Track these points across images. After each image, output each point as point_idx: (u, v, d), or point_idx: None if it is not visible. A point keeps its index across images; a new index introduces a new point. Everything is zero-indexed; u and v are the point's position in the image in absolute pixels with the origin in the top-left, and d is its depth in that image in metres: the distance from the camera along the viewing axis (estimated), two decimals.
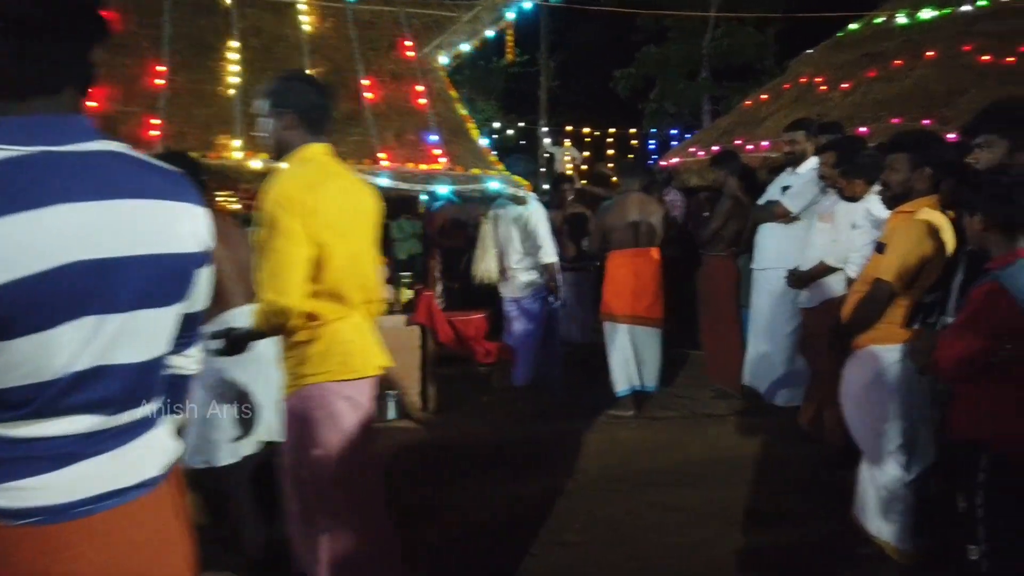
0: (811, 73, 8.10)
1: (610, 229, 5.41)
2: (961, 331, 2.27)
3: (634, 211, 5.35)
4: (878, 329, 3.10)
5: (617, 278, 5.38)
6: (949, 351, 2.30)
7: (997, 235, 2.30)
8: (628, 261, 5.34)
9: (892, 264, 2.95)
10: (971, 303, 2.24)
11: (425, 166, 4.88)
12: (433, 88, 5.56)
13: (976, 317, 2.22)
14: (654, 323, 5.41)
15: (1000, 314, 2.17)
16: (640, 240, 5.34)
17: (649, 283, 5.37)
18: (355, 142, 4.92)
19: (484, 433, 4.90)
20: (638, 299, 5.32)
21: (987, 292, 2.20)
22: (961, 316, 2.29)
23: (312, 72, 5.32)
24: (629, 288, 5.31)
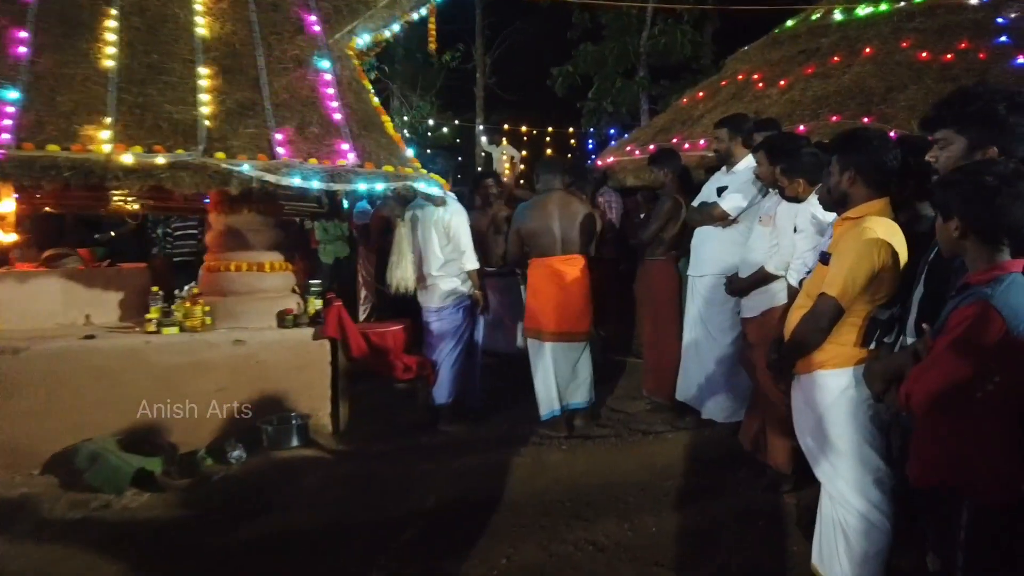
0: (748, 70, 7.87)
1: (529, 234, 4.89)
2: (940, 360, 1.90)
3: (556, 213, 4.84)
4: (824, 351, 2.74)
5: (540, 290, 4.88)
6: (924, 383, 1.92)
7: (977, 244, 1.95)
8: (551, 271, 4.84)
9: (838, 278, 2.60)
10: (954, 327, 1.87)
11: (328, 162, 4.36)
12: (343, 77, 5.03)
13: (960, 344, 1.85)
14: (582, 336, 4.95)
15: (990, 341, 1.81)
16: (565, 246, 4.84)
17: (576, 294, 4.86)
18: (250, 135, 4.37)
19: (398, 460, 4.40)
20: (564, 313, 4.82)
21: (975, 315, 1.83)
22: (941, 342, 1.91)
23: (205, 58, 4.76)
24: (553, 301, 4.81)
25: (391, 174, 4.44)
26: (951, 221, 1.98)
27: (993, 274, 1.89)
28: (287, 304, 4.86)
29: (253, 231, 4.83)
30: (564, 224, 4.82)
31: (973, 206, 1.91)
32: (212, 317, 4.66)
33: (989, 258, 1.94)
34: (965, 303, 1.89)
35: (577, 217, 4.87)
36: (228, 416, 4.54)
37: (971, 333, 1.83)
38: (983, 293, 1.85)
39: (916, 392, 1.94)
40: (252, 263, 4.77)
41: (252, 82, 4.74)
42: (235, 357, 4.56)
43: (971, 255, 1.98)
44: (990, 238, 1.92)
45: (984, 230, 1.92)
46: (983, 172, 1.90)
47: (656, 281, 5.44)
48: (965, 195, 1.92)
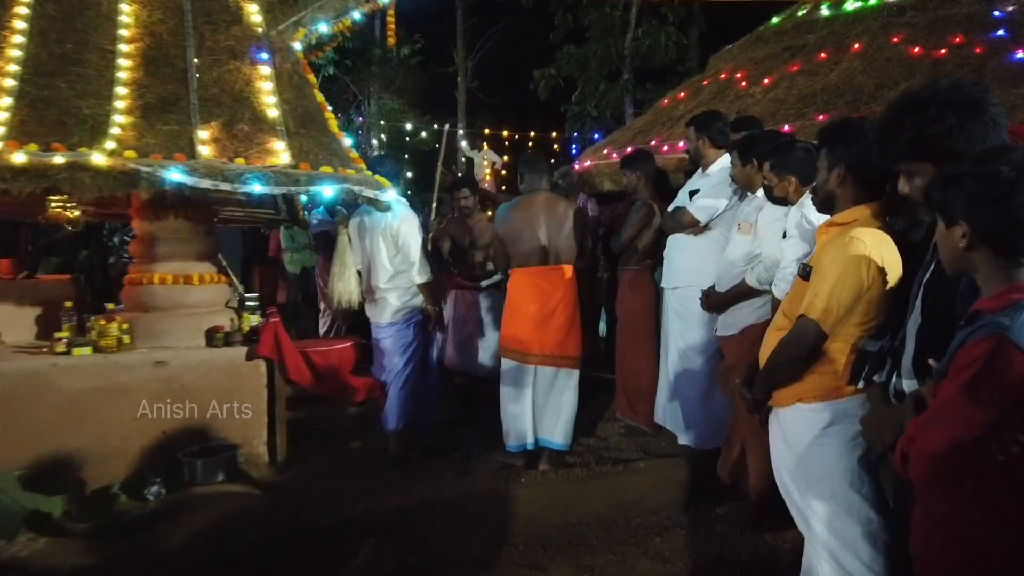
0: (731, 69, 7.45)
1: (510, 239, 4.23)
2: (945, 413, 1.45)
3: (542, 216, 4.19)
4: (805, 381, 2.31)
5: (520, 305, 4.23)
6: (924, 443, 1.48)
7: (989, 258, 1.51)
8: (534, 282, 4.20)
9: (819, 297, 2.16)
10: (961, 369, 1.43)
11: (258, 162, 3.90)
12: (283, 70, 4.58)
13: (972, 391, 1.40)
14: (569, 362, 4.26)
15: (1011, 387, 1.36)
16: (551, 255, 4.21)
17: (563, 311, 4.20)
18: (168, 132, 3.91)
19: (335, 498, 3.93)
20: (548, 332, 4.17)
21: (989, 353, 1.39)
22: (945, 389, 1.47)
23: (127, 48, 4.30)
24: (535, 319, 4.17)
25: (329, 176, 3.98)
26: (955, 228, 1.54)
27: (1012, 298, 1.45)
28: (218, 320, 4.39)
29: (180, 240, 4.36)
30: (551, 229, 4.18)
31: (985, 207, 1.47)
32: (131, 336, 4.18)
33: (1006, 276, 1.50)
34: (975, 337, 1.44)
35: (566, 222, 4.22)
36: (147, 447, 4.07)
37: (985, 377, 1.39)
38: (998, 324, 1.41)
39: (916, 452, 1.49)
40: (178, 275, 4.30)
41: (179, 75, 4.28)
42: (156, 381, 4.09)
43: (982, 272, 1.54)
44: (1008, 249, 1.48)
45: (999, 239, 1.48)
46: (996, 161, 1.46)
47: (629, 293, 4.99)
48: (974, 193, 1.48)
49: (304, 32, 5.08)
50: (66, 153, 3.50)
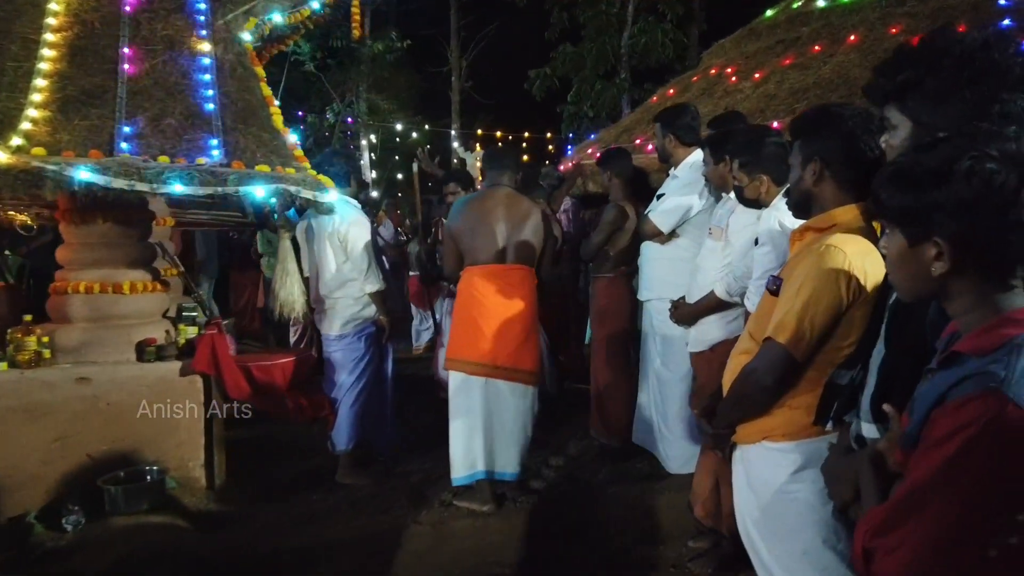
0: (721, 64, 7.09)
1: (464, 235, 3.80)
2: (925, 501, 1.07)
3: (501, 212, 3.76)
4: (773, 416, 1.93)
5: (471, 307, 3.75)
6: (897, 541, 1.09)
7: (972, 283, 1.14)
8: (488, 283, 3.72)
9: (788, 318, 1.79)
10: (946, 438, 1.05)
11: (185, 160, 3.55)
12: (225, 62, 4.23)
13: (964, 473, 1.03)
14: (525, 377, 3.75)
15: (1013, 461, 0.99)
16: (508, 253, 3.76)
17: (520, 317, 3.71)
18: (87, 128, 3.57)
19: (274, 528, 3.57)
20: (502, 340, 3.68)
21: (982, 417, 1.01)
22: (922, 465, 1.08)
23: (53, 37, 3.95)
24: (489, 322, 3.68)
25: (263, 175, 3.63)
26: (924, 246, 1.15)
27: (1004, 335, 1.07)
28: (151, 332, 4.03)
29: (108, 245, 4.01)
30: (510, 227, 3.74)
31: (970, 220, 1.09)
32: (52, 350, 3.83)
33: (992, 305, 1.12)
34: (960, 394, 1.06)
35: (527, 220, 3.78)
36: (69, 472, 3.72)
37: (979, 452, 1.01)
38: (991, 376, 1.03)
39: (884, 560, 1.10)
40: (106, 283, 3.94)
41: (108, 67, 3.93)
42: (78, 399, 3.75)
43: (960, 301, 1.16)
44: (997, 272, 1.11)
45: (990, 261, 1.10)
46: (988, 158, 1.08)
47: (602, 302, 4.62)
48: (956, 200, 1.10)
49: (255, 22, 4.73)
50: None
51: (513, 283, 3.75)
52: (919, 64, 1.38)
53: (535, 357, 3.80)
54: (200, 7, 4.45)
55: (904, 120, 1.42)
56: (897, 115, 1.43)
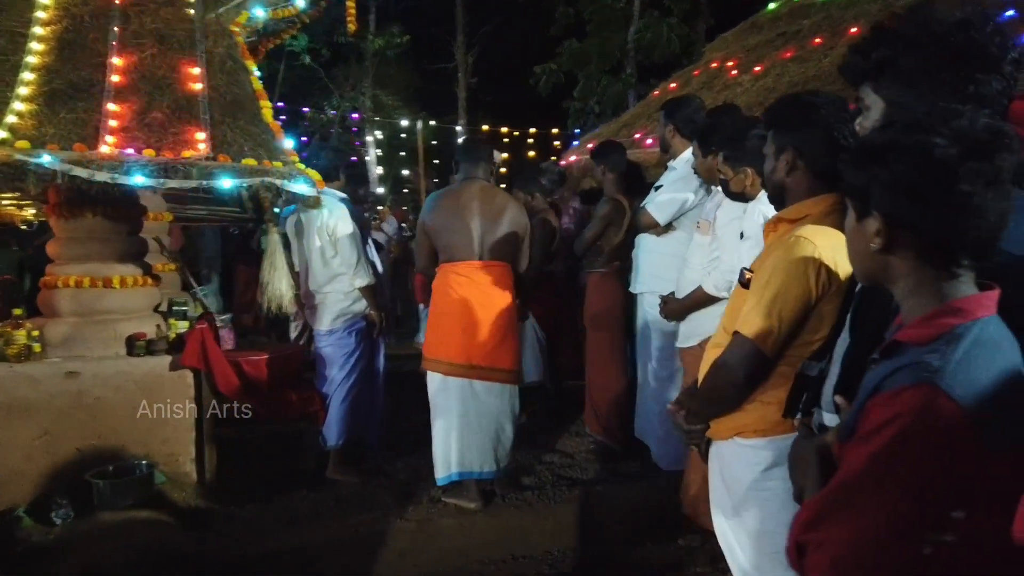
0: (722, 57, 7.03)
1: (438, 232, 3.72)
2: (854, 494, 1.03)
3: (475, 207, 3.65)
4: (746, 411, 1.89)
5: (445, 305, 3.68)
6: (827, 535, 1.05)
7: (911, 265, 1.10)
8: (463, 280, 3.65)
9: (756, 312, 1.75)
10: (876, 430, 1.00)
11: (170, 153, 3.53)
12: (215, 55, 4.20)
13: (891, 465, 0.98)
14: (503, 376, 3.69)
15: (943, 455, 0.95)
16: (484, 250, 3.67)
17: (496, 315, 3.63)
18: (72, 121, 3.55)
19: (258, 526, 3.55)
20: (477, 339, 3.61)
21: (914, 410, 0.97)
22: (853, 458, 1.04)
23: (42, 31, 3.94)
24: (463, 321, 3.61)
25: (249, 168, 3.60)
26: (868, 221, 1.12)
27: (942, 324, 1.03)
28: (141, 327, 4.02)
29: (97, 239, 3.99)
30: (485, 222, 3.65)
31: (911, 196, 1.05)
32: (42, 344, 3.82)
33: (934, 292, 1.07)
34: (893, 384, 1.02)
35: (504, 214, 3.68)
36: (56, 467, 3.71)
37: (910, 445, 0.97)
38: (925, 366, 0.99)
39: (814, 553, 1.06)
40: (95, 277, 3.92)
41: (96, 60, 3.91)
42: (66, 394, 3.73)
43: (902, 285, 1.12)
44: (940, 256, 1.06)
45: (929, 241, 1.06)
46: (931, 131, 1.03)
47: (595, 297, 4.58)
48: (899, 175, 1.05)
49: (247, 16, 4.71)
50: None
51: (490, 280, 3.68)
52: (895, 43, 1.33)
53: (513, 355, 3.73)
54: (191, 0, 4.44)
55: (878, 100, 1.37)
56: (871, 95, 1.38)
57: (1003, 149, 1.01)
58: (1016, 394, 0.97)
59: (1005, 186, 1.02)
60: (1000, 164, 1.01)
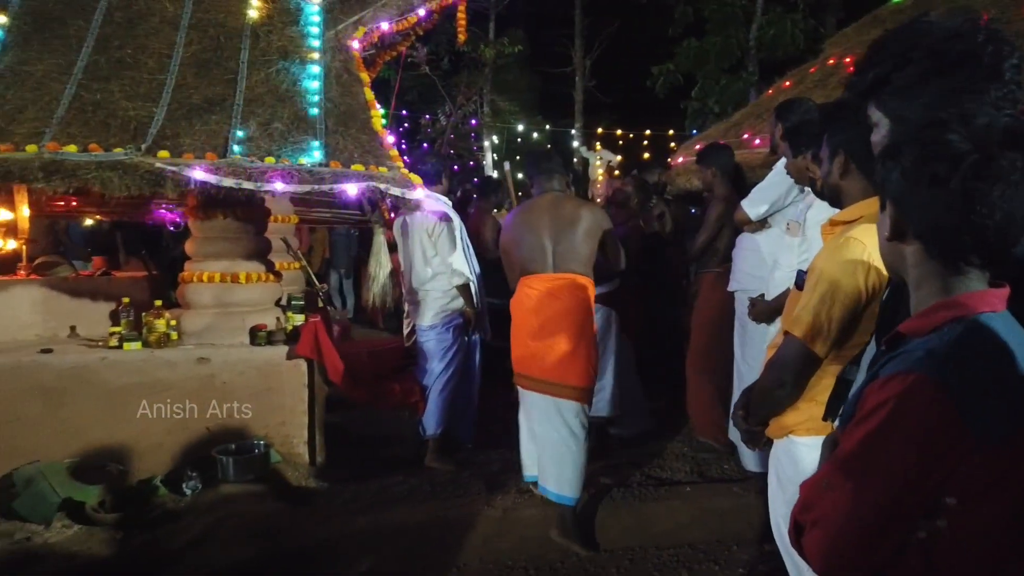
0: (840, 53, 6.76)
1: (510, 247, 3.68)
2: (844, 473, 1.08)
3: (547, 219, 3.56)
4: (799, 410, 1.91)
5: (519, 319, 3.63)
6: (821, 513, 1.10)
7: (920, 257, 1.13)
8: (533, 292, 3.55)
9: (806, 311, 1.78)
10: (868, 414, 1.05)
11: (287, 161, 3.87)
12: (332, 68, 4.55)
13: (880, 446, 1.03)
14: (568, 392, 3.48)
15: (931, 438, 0.99)
16: (554, 261, 3.53)
17: (565, 328, 3.47)
18: (206, 132, 3.96)
19: (355, 505, 3.83)
20: (545, 352, 3.48)
21: (902, 394, 1.01)
22: (847, 441, 1.09)
23: (183, 52, 4.42)
24: (532, 334, 3.53)
25: (357, 173, 3.89)
26: (885, 212, 1.16)
27: (942, 317, 1.06)
28: (263, 319, 4.41)
29: (227, 239, 4.42)
30: (555, 232, 3.53)
31: (917, 188, 1.08)
32: (179, 332, 4.28)
33: (940, 286, 1.10)
34: (888, 371, 1.06)
35: (576, 224, 3.53)
36: (189, 442, 4.15)
37: (896, 428, 1.01)
38: (917, 354, 1.03)
39: (810, 540, 1.11)
40: (225, 274, 4.35)
41: (229, 76, 4.34)
42: (197, 377, 4.16)
43: (913, 276, 1.15)
44: (943, 250, 1.09)
45: (938, 236, 1.08)
46: (947, 128, 1.06)
47: (708, 296, 4.57)
48: (908, 168, 1.09)
49: (364, 31, 5.04)
50: (93, 154, 3.61)
51: (559, 293, 3.53)
52: (889, 58, 1.35)
53: (584, 372, 3.52)
54: (313, 19, 4.82)
55: (882, 117, 1.39)
56: (876, 112, 1.40)
57: (1017, 149, 1.03)
58: (1006, 389, 0.99)
59: (1019, 188, 1.03)
60: (1014, 164, 1.02)
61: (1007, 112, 1.10)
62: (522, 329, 3.60)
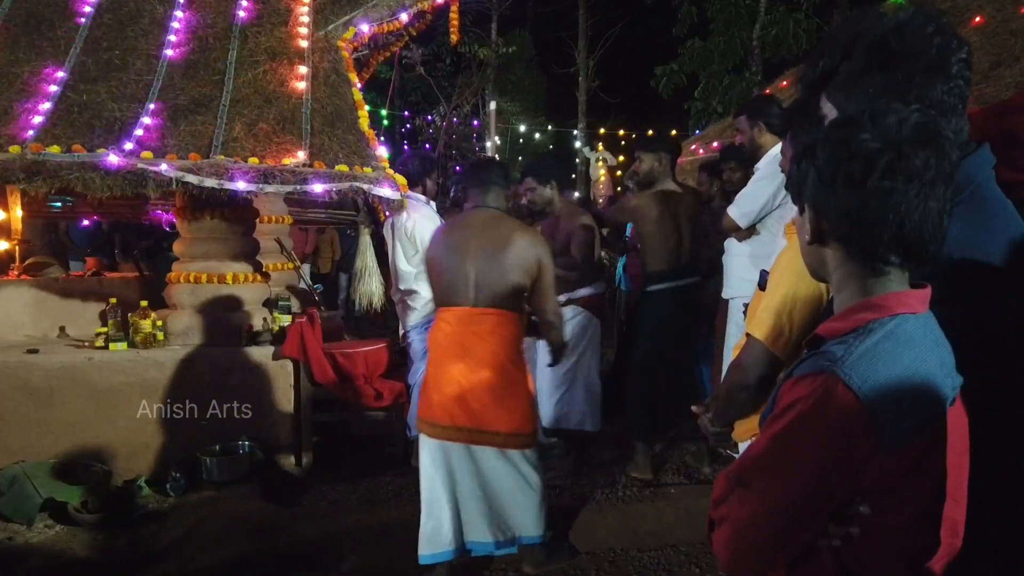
0: None
1: (434, 270, 3.12)
2: (753, 473, 1.07)
3: (474, 243, 2.97)
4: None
5: (432, 355, 3.09)
6: (729, 510, 1.09)
7: (840, 258, 1.11)
8: (449, 329, 3.01)
9: (767, 313, 1.76)
10: (779, 414, 1.04)
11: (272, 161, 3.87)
12: (320, 69, 4.55)
13: (787, 447, 1.02)
14: (499, 440, 2.95)
15: (837, 442, 0.98)
16: (479, 294, 2.95)
17: (494, 371, 2.94)
18: (191, 133, 3.96)
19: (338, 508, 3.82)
20: (463, 398, 2.93)
21: (810, 397, 0.99)
22: (759, 440, 1.08)
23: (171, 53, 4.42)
24: (448, 379, 2.97)
25: (340, 174, 3.88)
26: (806, 215, 1.14)
27: (858, 319, 1.03)
28: (251, 319, 4.42)
29: (216, 239, 4.43)
30: (484, 260, 2.93)
31: (828, 187, 1.06)
32: (165, 332, 4.29)
33: (859, 288, 1.08)
34: (800, 371, 1.05)
35: (507, 250, 2.93)
36: (173, 443, 4.15)
37: (805, 430, 0.99)
38: (830, 355, 1.01)
39: (718, 538, 1.10)
40: (212, 274, 4.36)
41: (217, 77, 4.35)
42: (183, 378, 4.15)
43: (833, 279, 1.14)
44: (866, 251, 1.06)
45: (856, 236, 1.06)
46: (858, 127, 1.04)
47: None
48: (821, 168, 1.07)
49: (354, 31, 5.04)
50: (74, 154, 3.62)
51: (484, 331, 2.96)
52: (837, 50, 1.32)
53: (516, 416, 2.97)
54: (303, 20, 4.82)
55: (832, 109, 1.36)
56: (826, 104, 1.38)
57: (929, 147, 1.01)
58: (915, 391, 0.98)
59: (935, 186, 1.02)
60: (927, 162, 1.00)
61: (916, 109, 1.07)
62: (441, 371, 3.00)
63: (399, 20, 5.30)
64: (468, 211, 3.13)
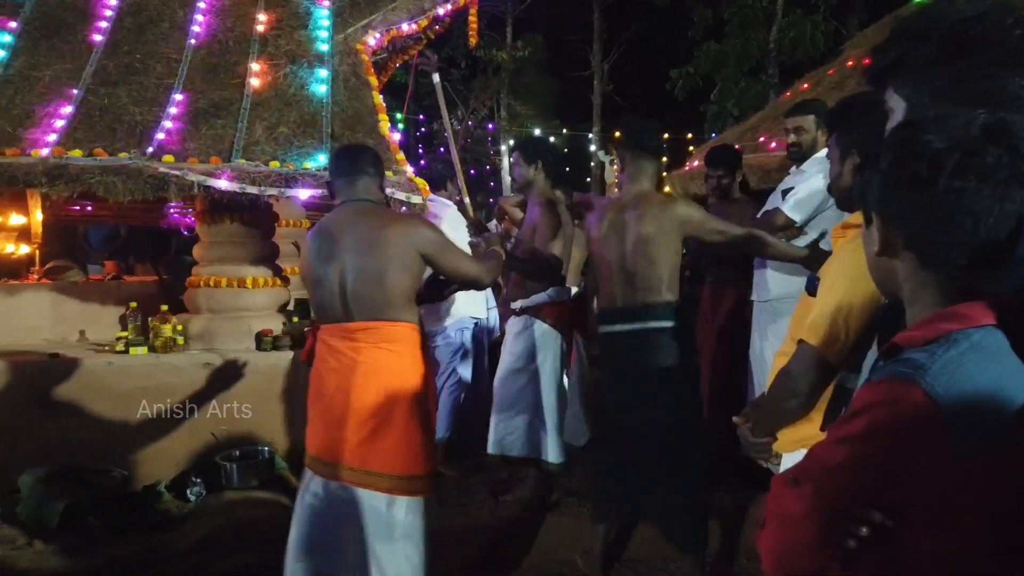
0: (859, 55, 6.63)
1: (305, 280, 2.69)
2: (810, 469, 1.02)
3: (343, 243, 2.46)
4: (813, 421, 1.82)
5: (313, 382, 2.62)
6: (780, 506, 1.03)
7: (912, 269, 1.05)
8: (327, 349, 2.55)
9: (821, 318, 1.69)
10: (850, 417, 0.99)
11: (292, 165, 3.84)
12: (340, 72, 4.52)
13: (854, 448, 0.96)
14: (380, 482, 2.40)
15: (908, 447, 0.92)
16: (351, 304, 2.45)
17: (366, 398, 2.40)
18: (212, 137, 3.94)
19: None
20: (341, 430, 2.42)
21: (888, 400, 0.94)
22: (822, 443, 1.03)
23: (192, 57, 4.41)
24: (323, 406, 2.51)
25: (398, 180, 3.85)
26: (873, 224, 1.08)
27: (940, 328, 0.97)
28: (269, 324, 4.38)
29: (235, 244, 4.40)
30: (354, 262, 2.42)
31: (897, 194, 1.00)
32: (185, 337, 4.26)
33: (937, 298, 1.02)
34: (878, 376, 0.99)
35: (380, 248, 2.41)
36: (193, 448, 4.12)
37: (878, 433, 0.94)
38: (911, 362, 0.95)
39: (765, 538, 1.04)
40: (232, 278, 4.33)
41: (237, 81, 4.33)
42: (202, 382, 4.12)
43: (906, 291, 1.07)
44: (934, 260, 1.00)
45: (929, 243, 1.00)
46: (921, 129, 0.98)
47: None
48: (887, 173, 1.01)
49: (374, 34, 5.01)
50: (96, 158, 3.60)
51: (362, 349, 2.44)
52: (907, 38, 1.26)
53: (400, 455, 2.41)
54: (323, 23, 4.80)
55: (900, 102, 1.30)
56: (894, 97, 1.31)
57: (1001, 145, 0.95)
58: (998, 403, 0.92)
59: (1009, 187, 0.95)
60: (999, 160, 0.94)
61: (982, 112, 1.01)
62: (318, 399, 2.55)
63: (419, 23, 5.27)
64: (336, 208, 2.58)
